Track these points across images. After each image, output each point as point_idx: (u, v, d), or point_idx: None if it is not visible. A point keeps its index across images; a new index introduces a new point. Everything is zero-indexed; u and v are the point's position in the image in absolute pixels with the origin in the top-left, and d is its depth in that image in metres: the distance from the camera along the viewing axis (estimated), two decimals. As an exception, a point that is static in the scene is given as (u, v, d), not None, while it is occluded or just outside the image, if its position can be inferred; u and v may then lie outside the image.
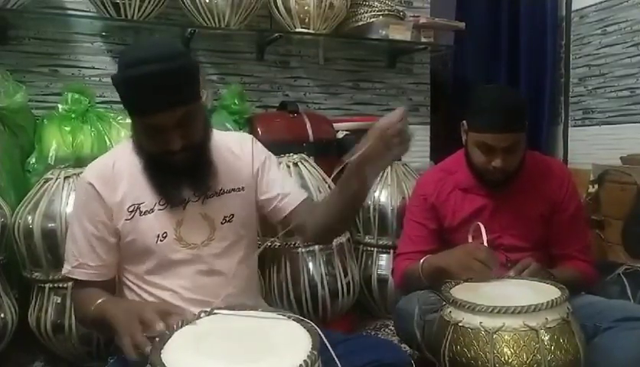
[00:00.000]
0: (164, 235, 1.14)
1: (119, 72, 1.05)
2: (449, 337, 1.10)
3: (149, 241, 1.13)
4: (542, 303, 1.03)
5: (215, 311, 0.95)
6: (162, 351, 0.80)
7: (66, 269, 1.17)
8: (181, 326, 0.88)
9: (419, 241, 1.56)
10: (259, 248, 1.33)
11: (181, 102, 1.04)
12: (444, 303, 1.17)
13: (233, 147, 1.25)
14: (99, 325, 1.05)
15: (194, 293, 1.15)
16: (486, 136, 1.38)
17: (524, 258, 1.36)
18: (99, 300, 1.07)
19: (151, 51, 1.02)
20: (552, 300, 1.04)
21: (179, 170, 1.11)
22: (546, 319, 1.03)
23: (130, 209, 1.14)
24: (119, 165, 1.16)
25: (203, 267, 1.16)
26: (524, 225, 1.49)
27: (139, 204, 1.14)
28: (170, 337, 0.85)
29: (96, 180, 1.14)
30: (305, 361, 0.75)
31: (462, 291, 1.19)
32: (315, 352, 0.78)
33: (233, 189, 1.21)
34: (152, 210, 1.14)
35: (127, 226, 1.14)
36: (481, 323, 1.05)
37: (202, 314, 0.93)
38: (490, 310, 1.04)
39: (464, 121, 1.47)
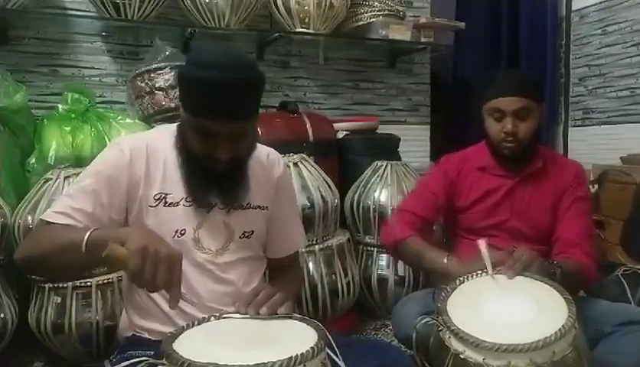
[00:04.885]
0: (183, 232, 1.12)
1: (189, 68, 1.03)
2: (450, 365, 1.04)
3: (167, 233, 1.09)
4: (550, 337, 0.96)
5: (224, 316, 0.97)
6: (174, 343, 0.85)
7: (47, 213, 1.07)
8: (192, 326, 0.93)
9: (427, 206, 1.57)
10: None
11: (243, 115, 1.04)
12: (440, 328, 1.08)
13: (263, 160, 1.24)
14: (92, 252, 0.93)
15: (202, 299, 1.12)
16: (497, 101, 1.47)
17: (527, 248, 1.30)
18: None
19: (228, 58, 1.01)
20: (560, 331, 0.98)
21: (215, 176, 1.09)
22: (554, 352, 0.97)
23: (157, 197, 1.11)
24: (152, 148, 1.13)
25: (213, 274, 1.14)
26: (534, 213, 1.52)
27: (166, 194, 1.11)
28: (182, 333, 0.90)
29: (131, 151, 1.11)
30: (312, 347, 0.78)
31: (459, 306, 1.11)
32: (322, 342, 0.82)
33: (259, 207, 1.21)
34: (178, 204, 1.12)
35: (150, 213, 1.11)
36: (484, 359, 0.99)
37: (212, 318, 0.96)
38: (495, 348, 0.97)
39: (483, 105, 1.54)
